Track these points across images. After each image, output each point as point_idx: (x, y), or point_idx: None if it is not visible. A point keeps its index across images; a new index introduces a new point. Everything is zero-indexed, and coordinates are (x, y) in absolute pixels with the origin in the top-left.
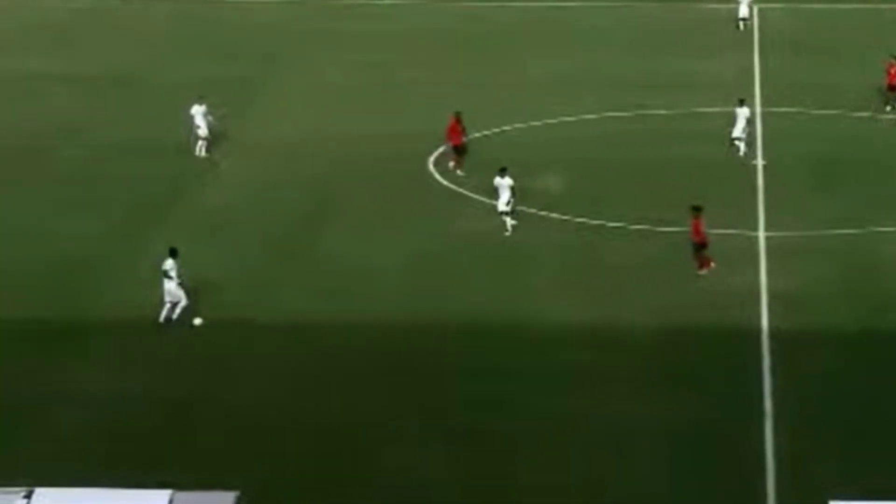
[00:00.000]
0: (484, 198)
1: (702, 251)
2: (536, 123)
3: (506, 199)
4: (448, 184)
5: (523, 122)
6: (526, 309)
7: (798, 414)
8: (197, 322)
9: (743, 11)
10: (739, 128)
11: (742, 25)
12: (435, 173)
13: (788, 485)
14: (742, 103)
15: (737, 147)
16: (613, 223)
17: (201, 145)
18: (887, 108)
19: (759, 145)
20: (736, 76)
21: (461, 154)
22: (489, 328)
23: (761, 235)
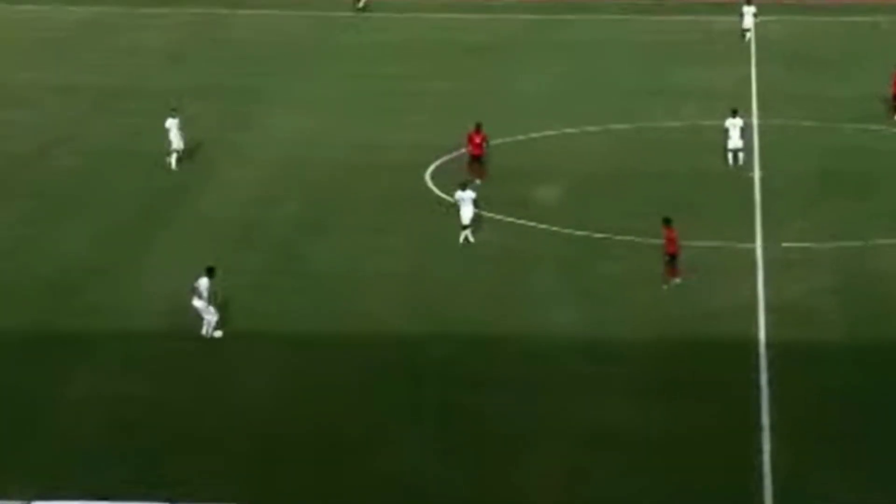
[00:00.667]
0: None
1: (673, 262)
2: (535, 135)
3: (469, 213)
4: (445, 195)
5: (523, 134)
6: (522, 319)
7: (795, 426)
8: (218, 334)
9: (747, 22)
10: (736, 137)
11: (747, 36)
12: (431, 184)
13: (785, 497)
14: (735, 114)
15: (737, 157)
16: (610, 235)
17: (174, 157)
18: (895, 118)
19: (756, 157)
20: (734, 88)
21: (481, 164)
22: (485, 338)
23: (758, 247)
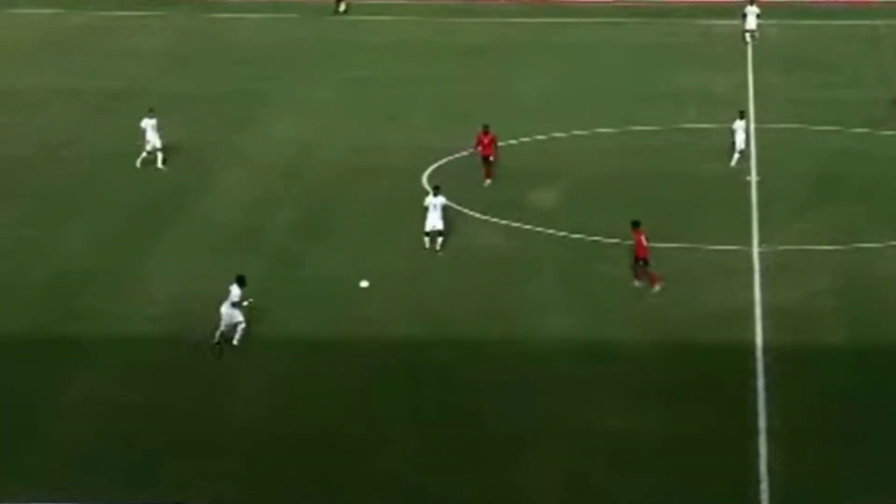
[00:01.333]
0: (476, 213)
1: (645, 266)
2: (526, 140)
3: (436, 220)
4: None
5: (514, 139)
6: (521, 322)
7: (792, 430)
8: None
9: (751, 23)
10: (741, 139)
11: (749, 38)
12: (429, 187)
13: (783, 501)
14: (742, 115)
15: (741, 159)
16: (607, 238)
17: (145, 158)
18: None
19: (754, 160)
20: (733, 91)
21: (489, 165)
22: (484, 341)
23: (755, 251)
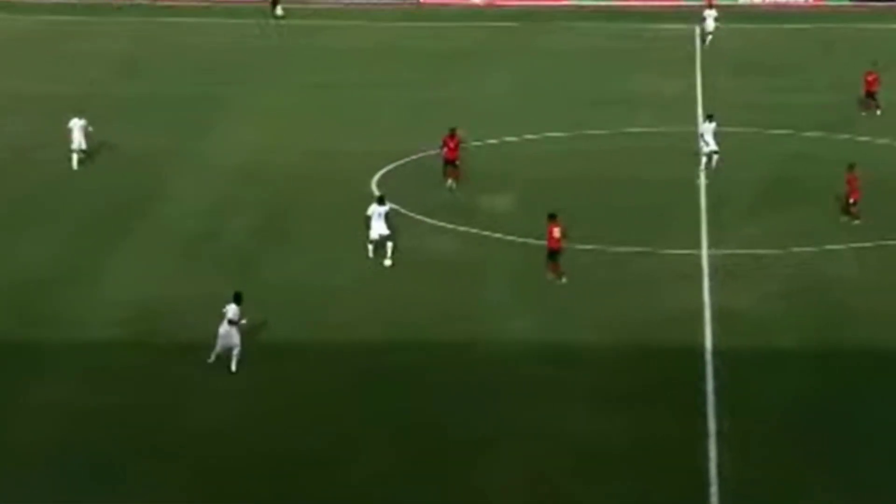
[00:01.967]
0: (426, 217)
1: (555, 259)
2: (479, 144)
3: (381, 229)
4: (391, 205)
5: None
6: (479, 326)
7: (742, 433)
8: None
9: (709, 26)
10: (712, 141)
11: (707, 40)
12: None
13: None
14: (710, 118)
15: (710, 160)
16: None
17: (77, 158)
18: (878, 112)
19: (703, 164)
20: (682, 95)
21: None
22: (444, 344)
23: (704, 254)
